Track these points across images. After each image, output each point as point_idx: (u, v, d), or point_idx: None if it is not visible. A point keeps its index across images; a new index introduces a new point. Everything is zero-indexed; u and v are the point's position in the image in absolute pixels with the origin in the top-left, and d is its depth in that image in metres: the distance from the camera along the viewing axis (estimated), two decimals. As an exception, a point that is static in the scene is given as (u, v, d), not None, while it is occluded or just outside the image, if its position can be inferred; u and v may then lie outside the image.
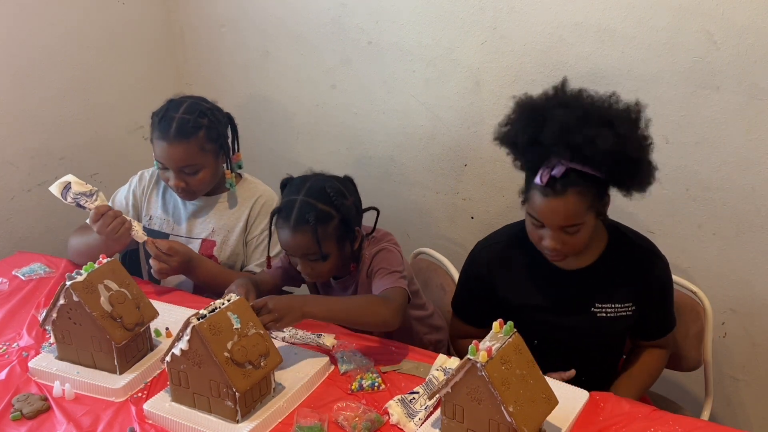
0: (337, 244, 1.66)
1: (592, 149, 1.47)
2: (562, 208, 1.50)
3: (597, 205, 1.54)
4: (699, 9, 1.88)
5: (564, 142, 1.49)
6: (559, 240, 1.54)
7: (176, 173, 1.89)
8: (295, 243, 1.64)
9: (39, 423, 1.42)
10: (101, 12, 2.52)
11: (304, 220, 1.61)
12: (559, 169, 1.49)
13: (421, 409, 1.42)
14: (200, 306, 1.42)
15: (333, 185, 1.68)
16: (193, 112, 1.89)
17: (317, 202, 1.63)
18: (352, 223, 1.69)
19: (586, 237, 1.56)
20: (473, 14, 2.20)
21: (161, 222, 2.06)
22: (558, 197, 1.50)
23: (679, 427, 1.36)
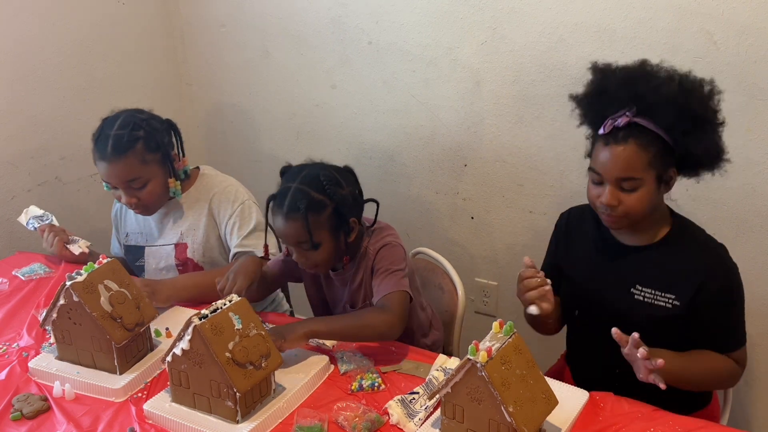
0: (331, 233, 1.65)
1: (655, 97, 1.48)
2: (622, 156, 1.50)
3: (659, 166, 1.51)
4: (699, 9, 1.88)
5: (629, 89, 1.51)
6: (615, 196, 1.52)
7: (125, 190, 1.87)
8: (287, 231, 1.63)
9: (39, 423, 1.42)
10: (101, 12, 2.52)
11: (296, 208, 1.60)
12: (622, 119, 1.50)
13: (421, 409, 1.42)
14: (200, 306, 1.42)
15: (328, 174, 1.66)
16: (126, 126, 1.84)
17: (311, 190, 1.62)
18: (347, 213, 1.66)
19: (645, 200, 1.53)
20: (473, 14, 2.20)
21: (136, 236, 2.07)
22: (618, 145, 1.50)
23: (679, 427, 1.36)
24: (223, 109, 2.87)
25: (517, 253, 2.44)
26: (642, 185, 1.51)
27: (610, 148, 1.51)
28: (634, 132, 1.50)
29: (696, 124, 1.49)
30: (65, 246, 2.05)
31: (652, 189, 1.53)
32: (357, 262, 1.76)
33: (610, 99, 1.55)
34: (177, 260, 2.00)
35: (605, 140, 1.52)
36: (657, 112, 1.49)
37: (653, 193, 1.53)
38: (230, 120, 2.86)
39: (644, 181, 1.51)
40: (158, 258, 2.03)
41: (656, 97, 1.49)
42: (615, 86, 1.55)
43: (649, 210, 1.55)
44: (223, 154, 2.93)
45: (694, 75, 1.54)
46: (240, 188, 2.02)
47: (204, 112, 2.92)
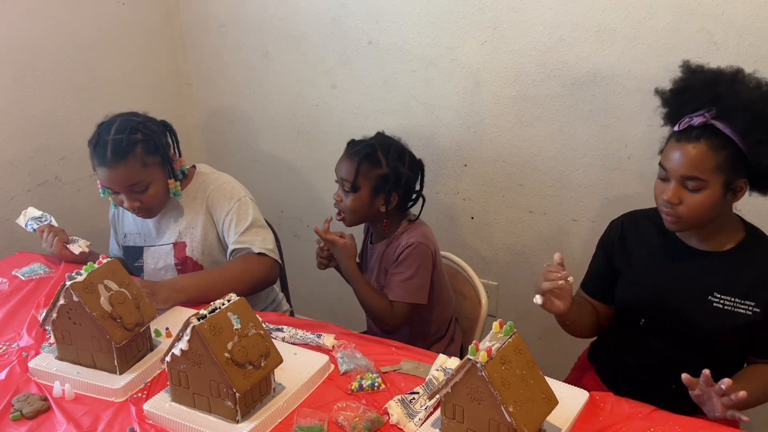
0: (371, 189, 1.87)
1: (733, 99, 1.47)
2: (690, 153, 1.49)
3: (727, 171, 1.49)
4: (699, 9, 1.88)
5: (710, 89, 1.51)
6: (677, 194, 1.51)
7: (127, 195, 1.87)
8: (341, 165, 1.90)
9: (39, 423, 1.42)
10: (101, 12, 2.52)
11: (357, 152, 1.87)
12: (699, 119, 1.50)
13: (421, 409, 1.42)
14: (200, 306, 1.42)
15: (399, 149, 1.91)
16: (124, 131, 1.83)
17: (379, 149, 1.88)
18: (393, 184, 1.87)
19: (707, 205, 1.51)
20: (473, 14, 2.20)
21: (134, 237, 2.07)
22: (689, 143, 1.49)
23: (679, 427, 1.36)
24: (223, 109, 2.87)
25: (517, 253, 2.44)
26: (706, 187, 1.50)
27: (681, 145, 1.50)
28: (708, 133, 1.48)
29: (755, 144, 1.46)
30: (65, 246, 2.04)
31: (717, 194, 1.51)
32: (390, 241, 1.94)
33: (692, 97, 1.55)
34: (176, 259, 2.00)
35: (678, 137, 1.52)
36: (734, 115, 1.47)
37: (717, 198, 1.51)
38: (230, 120, 2.86)
39: (709, 183, 1.49)
40: (157, 258, 2.03)
41: (735, 99, 1.47)
42: (698, 85, 1.55)
43: (710, 214, 1.53)
44: (223, 154, 2.93)
45: None
46: (236, 185, 2.02)
47: (204, 112, 2.92)
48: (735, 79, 1.52)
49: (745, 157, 1.49)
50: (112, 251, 2.17)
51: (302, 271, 2.75)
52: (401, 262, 1.89)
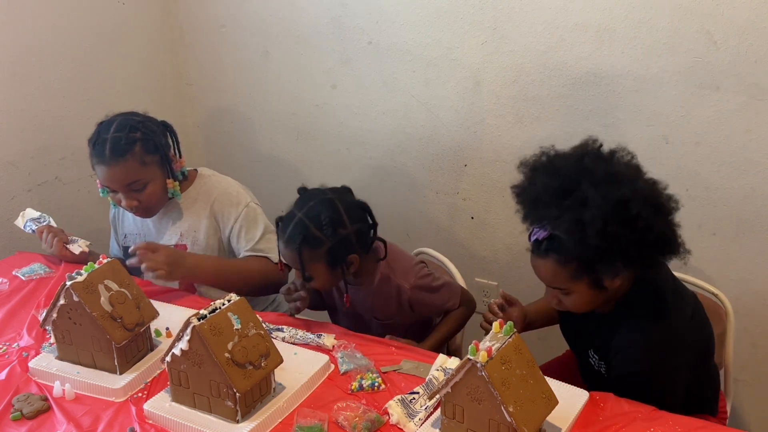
0: (328, 266, 1.70)
1: (556, 228, 1.45)
2: (543, 270, 1.51)
3: (585, 276, 1.47)
4: (699, 9, 1.88)
5: (536, 210, 1.51)
6: (554, 297, 1.56)
7: (125, 193, 1.87)
8: (286, 256, 1.73)
9: (39, 423, 1.42)
10: (101, 12, 2.52)
11: (293, 240, 1.67)
12: (542, 233, 1.48)
13: (421, 409, 1.42)
14: (200, 306, 1.42)
15: (331, 214, 1.68)
16: (123, 129, 1.84)
17: (311, 225, 1.66)
18: (345, 251, 1.70)
19: (583, 302, 1.53)
20: (473, 14, 2.20)
21: (134, 238, 2.07)
22: (540, 259, 1.51)
23: (679, 427, 1.36)
24: (223, 110, 2.87)
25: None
26: (573, 291, 1.51)
27: (535, 259, 1.52)
28: (554, 246, 1.47)
29: (601, 253, 1.42)
30: (65, 246, 2.04)
31: (586, 294, 1.51)
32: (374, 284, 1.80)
33: (527, 213, 1.54)
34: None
35: (533, 249, 1.52)
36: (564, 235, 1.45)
37: (589, 297, 1.52)
38: (230, 120, 2.86)
39: (573, 288, 1.51)
40: None
41: (556, 226, 1.45)
42: (527, 202, 1.54)
43: (594, 304, 1.55)
44: (223, 155, 2.93)
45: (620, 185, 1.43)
46: (241, 190, 2.02)
47: (204, 112, 2.92)
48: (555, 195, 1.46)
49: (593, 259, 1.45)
50: (113, 251, 2.17)
51: (302, 271, 2.75)
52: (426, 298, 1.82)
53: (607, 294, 1.52)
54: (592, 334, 1.64)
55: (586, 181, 1.44)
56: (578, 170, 1.48)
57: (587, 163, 1.49)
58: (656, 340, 1.51)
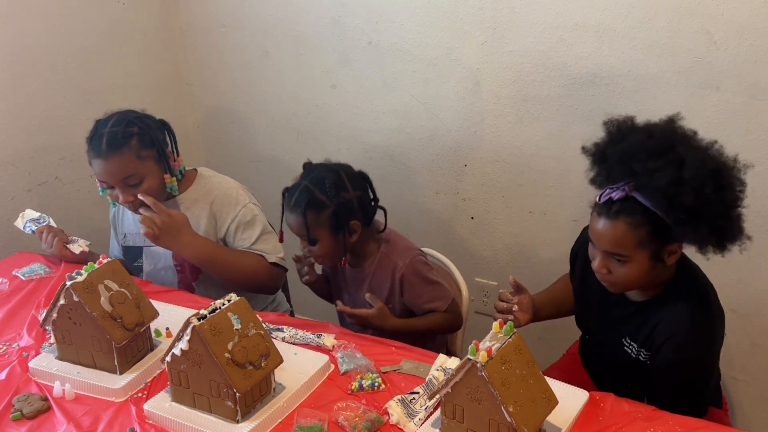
0: (330, 231, 1.78)
1: (647, 181, 1.42)
2: (610, 232, 1.46)
3: (651, 245, 1.46)
4: (699, 9, 1.88)
5: (625, 164, 1.46)
6: (605, 265, 1.51)
7: (122, 189, 1.86)
8: (291, 223, 1.81)
9: (39, 423, 1.42)
10: (101, 12, 2.52)
11: (298, 204, 1.76)
12: (618, 193, 1.46)
13: (421, 409, 1.42)
14: (200, 306, 1.42)
15: (334, 178, 1.78)
16: (120, 124, 1.85)
17: (315, 190, 1.76)
18: (347, 216, 1.78)
19: (636, 275, 1.49)
20: (473, 14, 2.20)
21: (134, 237, 2.07)
22: (609, 220, 1.46)
23: (679, 427, 1.36)
24: (223, 110, 2.87)
25: (517, 253, 2.44)
26: (632, 261, 1.48)
27: (602, 220, 1.48)
28: (628, 208, 1.45)
29: (690, 215, 1.41)
30: (65, 246, 2.04)
31: (644, 265, 1.49)
32: (374, 265, 1.87)
33: (610, 169, 1.52)
34: (175, 261, 2.00)
35: (599, 210, 1.49)
36: (651, 194, 1.44)
37: (644, 268, 1.49)
38: (230, 120, 2.86)
39: (633, 258, 1.47)
40: (156, 258, 2.02)
41: (648, 180, 1.43)
42: (615, 158, 1.50)
43: (642, 281, 1.53)
44: (223, 155, 2.93)
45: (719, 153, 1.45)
46: (240, 190, 2.02)
47: (204, 112, 2.92)
48: (651, 154, 1.45)
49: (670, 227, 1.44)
50: (113, 251, 2.17)
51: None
52: (417, 285, 1.84)
53: (657, 273, 1.52)
54: (625, 321, 1.61)
55: (682, 144, 1.45)
56: (673, 133, 1.48)
57: (678, 128, 1.49)
58: (702, 324, 1.52)
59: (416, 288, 1.85)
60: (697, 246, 1.48)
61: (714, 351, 1.56)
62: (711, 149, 1.46)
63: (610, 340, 1.66)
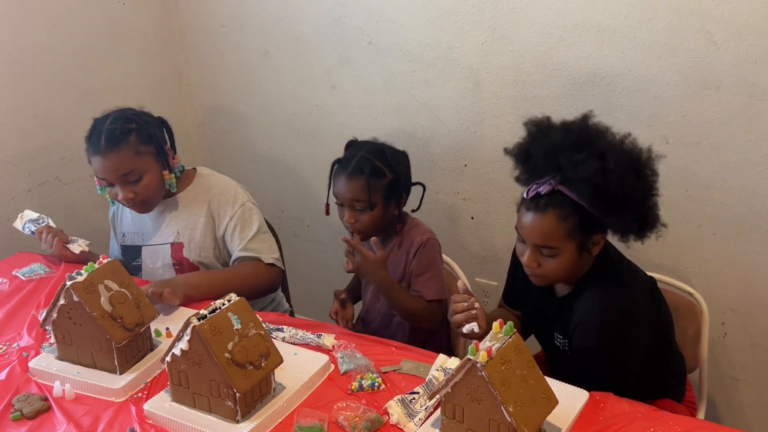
0: (384, 199, 1.87)
1: (573, 173, 1.48)
2: (539, 226, 1.52)
3: (579, 236, 1.52)
4: (699, 9, 1.88)
5: (551, 159, 1.52)
6: (534, 259, 1.56)
7: (121, 185, 1.87)
8: (347, 189, 1.85)
9: (39, 423, 1.42)
10: (101, 12, 2.52)
11: (360, 170, 1.84)
12: (546, 187, 1.51)
13: (421, 409, 1.42)
14: (200, 306, 1.42)
15: (392, 150, 1.92)
16: (119, 121, 1.86)
17: (375, 159, 1.86)
18: (400, 187, 1.90)
19: (564, 267, 1.55)
20: (473, 14, 2.20)
21: (132, 236, 2.08)
22: (538, 214, 1.52)
23: (679, 427, 1.36)
24: (223, 110, 2.87)
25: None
26: (560, 253, 1.53)
27: (531, 215, 1.53)
28: (556, 201, 1.50)
29: (615, 203, 1.47)
30: (65, 246, 2.04)
31: (572, 256, 1.54)
32: (393, 243, 1.95)
33: (536, 164, 1.57)
34: (173, 259, 2.00)
35: (528, 205, 1.54)
36: (577, 187, 1.49)
37: (573, 259, 1.54)
38: (230, 120, 2.86)
39: (562, 249, 1.52)
40: (155, 257, 2.03)
41: (573, 172, 1.48)
42: (540, 153, 1.56)
43: (571, 272, 1.57)
44: (222, 154, 2.93)
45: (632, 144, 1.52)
46: (239, 189, 2.02)
47: (204, 112, 2.92)
48: (573, 147, 1.51)
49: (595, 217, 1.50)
50: (113, 251, 2.17)
51: (302, 271, 2.75)
52: (423, 262, 1.90)
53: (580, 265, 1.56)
54: (555, 317, 1.66)
55: (599, 138, 1.52)
56: (590, 129, 1.55)
57: (593, 125, 1.56)
58: (611, 310, 1.55)
59: (422, 265, 1.90)
60: (619, 235, 1.54)
61: (630, 339, 1.56)
62: (625, 141, 1.53)
63: (545, 336, 1.72)
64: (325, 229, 2.76)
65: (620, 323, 1.54)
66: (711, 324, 2.14)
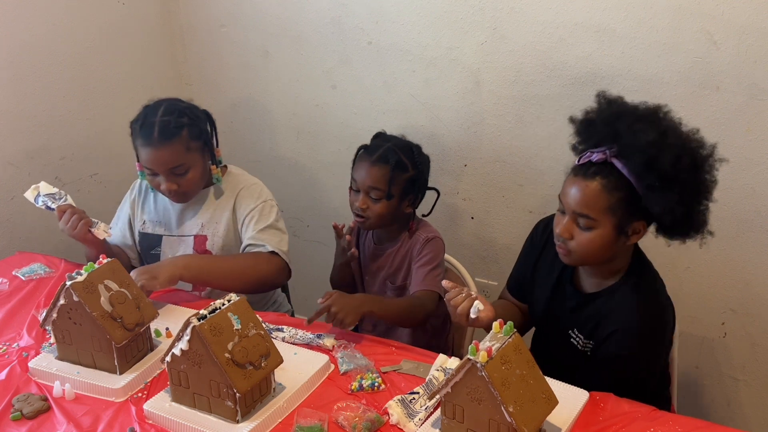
0: (402, 193, 1.89)
1: (630, 139, 1.45)
2: (583, 192, 1.48)
3: (620, 214, 1.47)
4: (699, 9, 1.88)
5: (612, 126, 1.49)
6: (569, 229, 1.51)
7: (167, 177, 1.88)
8: (369, 175, 1.87)
9: (39, 423, 1.42)
10: (101, 12, 2.52)
11: (386, 160, 1.86)
12: (598, 155, 1.48)
13: (421, 409, 1.42)
14: (200, 306, 1.42)
15: (419, 150, 1.95)
16: (172, 113, 1.87)
17: (401, 152, 1.89)
18: (419, 185, 1.93)
19: (596, 244, 1.49)
20: (473, 14, 2.20)
21: (153, 225, 2.07)
22: (585, 180, 1.48)
23: (679, 427, 1.36)
24: (223, 109, 2.87)
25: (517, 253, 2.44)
26: (597, 227, 1.48)
27: (577, 180, 1.50)
28: (605, 171, 1.47)
29: (664, 181, 1.42)
30: (89, 230, 1.89)
31: (607, 234, 1.49)
32: (402, 241, 1.96)
33: (595, 132, 1.54)
34: (195, 251, 2.00)
35: (576, 171, 1.52)
36: (630, 156, 1.45)
37: (607, 239, 1.49)
38: (230, 120, 2.86)
39: (600, 223, 1.48)
40: (175, 248, 2.02)
41: (631, 139, 1.45)
42: (602, 119, 1.53)
43: (601, 253, 1.52)
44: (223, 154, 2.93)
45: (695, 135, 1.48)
46: (265, 189, 2.05)
47: (204, 112, 2.92)
48: (639, 118, 1.48)
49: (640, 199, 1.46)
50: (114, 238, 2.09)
51: (302, 271, 2.74)
52: (425, 255, 1.91)
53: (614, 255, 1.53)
54: (574, 312, 1.63)
55: (668, 120, 1.49)
56: (660, 111, 1.52)
57: (667, 110, 1.53)
58: (651, 318, 1.53)
59: (424, 256, 1.91)
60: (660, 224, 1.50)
61: (658, 352, 1.55)
62: (694, 133, 1.49)
63: (557, 332, 1.67)
64: (325, 229, 2.75)
65: (654, 337, 1.53)
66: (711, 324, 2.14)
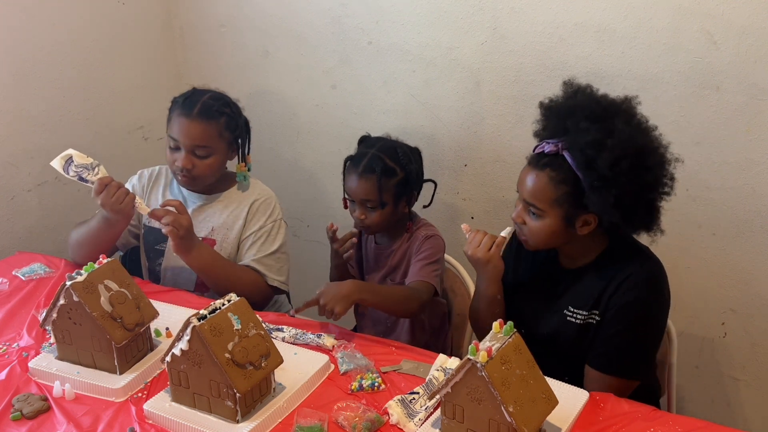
0: (394, 198, 1.87)
1: (575, 136, 1.48)
2: (532, 182, 1.52)
3: (567, 207, 1.50)
4: (699, 9, 1.88)
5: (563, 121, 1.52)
6: (521, 215, 1.57)
7: (187, 153, 1.90)
8: (359, 188, 1.85)
9: (39, 423, 1.42)
10: (101, 12, 2.52)
11: (371, 170, 1.83)
12: (550, 147, 1.51)
13: (421, 409, 1.42)
14: (200, 306, 1.42)
15: (404, 148, 1.91)
16: (219, 99, 1.96)
17: (386, 158, 1.86)
18: (411, 186, 1.90)
19: (544, 232, 1.54)
20: (473, 14, 2.20)
21: None
22: (535, 170, 1.52)
23: (679, 427, 1.36)
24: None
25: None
26: (544, 217, 1.52)
27: (529, 170, 1.54)
28: (555, 164, 1.49)
29: (602, 181, 1.44)
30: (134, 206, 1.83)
31: (555, 224, 1.52)
32: (402, 240, 1.96)
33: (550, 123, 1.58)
34: None
35: (530, 160, 1.55)
36: (573, 153, 1.48)
37: (556, 228, 1.53)
38: (230, 120, 2.86)
39: (547, 214, 1.52)
40: None
41: (576, 137, 1.48)
42: (556, 112, 1.56)
43: (553, 240, 1.56)
44: (223, 154, 2.93)
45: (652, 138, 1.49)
46: (278, 205, 2.06)
47: (204, 112, 2.92)
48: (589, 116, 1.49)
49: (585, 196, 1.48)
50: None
51: (302, 271, 2.74)
52: (424, 251, 1.91)
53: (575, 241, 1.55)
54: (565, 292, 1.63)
55: (621, 118, 1.49)
56: (617, 107, 1.53)
57: (626, 106, 1.54)
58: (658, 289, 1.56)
59: (423, 251, 1.90)
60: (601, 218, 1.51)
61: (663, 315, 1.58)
62: (649, 133, 1.50)
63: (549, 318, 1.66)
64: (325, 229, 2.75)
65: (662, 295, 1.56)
66: (711, 324, 2.14)
